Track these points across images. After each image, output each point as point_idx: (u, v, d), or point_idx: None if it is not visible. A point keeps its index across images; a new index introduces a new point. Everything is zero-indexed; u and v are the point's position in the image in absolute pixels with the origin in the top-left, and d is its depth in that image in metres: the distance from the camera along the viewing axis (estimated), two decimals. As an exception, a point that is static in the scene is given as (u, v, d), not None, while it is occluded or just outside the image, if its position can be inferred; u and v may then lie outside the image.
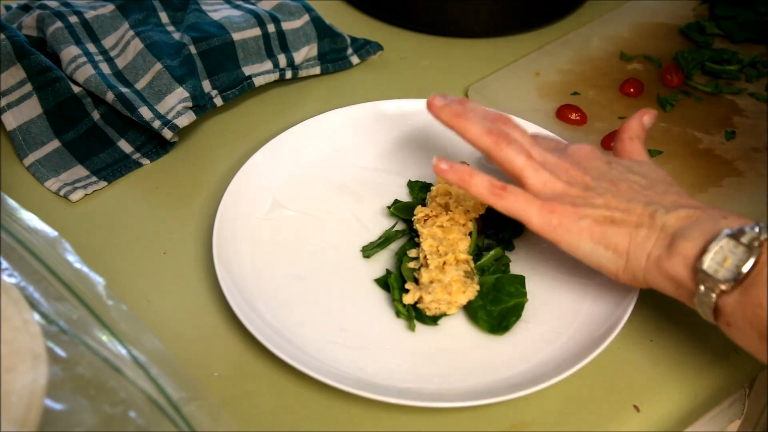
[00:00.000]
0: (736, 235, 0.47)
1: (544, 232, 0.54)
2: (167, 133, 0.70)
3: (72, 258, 0.54)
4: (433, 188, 0.64)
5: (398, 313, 0.59)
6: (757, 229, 0.47)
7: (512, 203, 0.54)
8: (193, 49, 0.74)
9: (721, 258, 0.47)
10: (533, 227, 0.54)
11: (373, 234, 0.65)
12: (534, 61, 0.83)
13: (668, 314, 0.60)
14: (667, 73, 0.80)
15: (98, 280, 0.53)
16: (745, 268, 0.46)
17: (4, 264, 0.52)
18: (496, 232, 0.64)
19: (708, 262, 0.47)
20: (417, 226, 0.62)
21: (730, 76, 0.80)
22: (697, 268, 0.48)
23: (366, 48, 0.83)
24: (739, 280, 0.46)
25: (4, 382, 0.44)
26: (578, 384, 0.55)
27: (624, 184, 0.54)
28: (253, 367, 0.56)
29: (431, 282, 0.58)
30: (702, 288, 0.48)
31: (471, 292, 0.58)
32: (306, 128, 0.71)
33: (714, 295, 0.47)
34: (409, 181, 0.69)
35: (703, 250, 0.48)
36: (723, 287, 0.47)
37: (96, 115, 0.73)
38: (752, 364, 0.59)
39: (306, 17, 0.80)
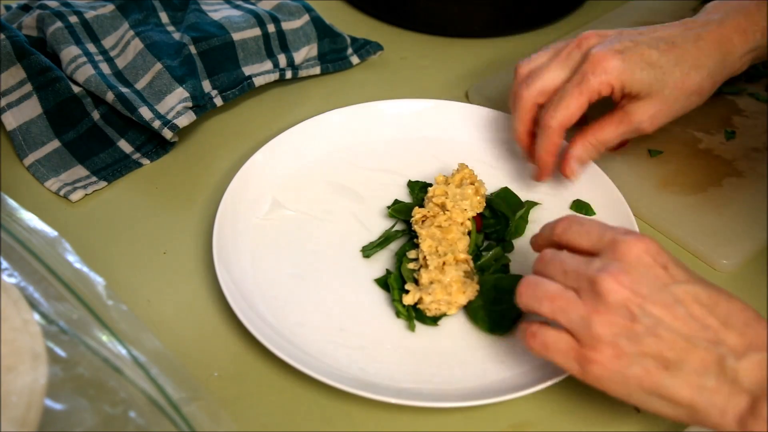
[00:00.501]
0: None
1: (588, 382, 0.48)
2: (167, 133, 0.70)
3: (72, 258, 0.54)
4: (429, 189, 0.64)
5: (398, 314, 0.59)
6: None
7: (552, 356, 0.48)
8: (193, 49, 0.74)
9: None
10: (576, 377, 0.48)
11: (373, 234, 0.65)
12: (534, 61, 0.83)
13: (668, 314, 0.60)
14: (667, 73, 0.80)
15: (98, 280, 0.53)
16: None
17: (4, 264, 0.52)
18: (496, 231, 0.64)
19: None
20: (415, 227, 0.62)
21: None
22: None
23: (366, 48, 0.83)
24: None
25: (4, 382, 0.44)
26: (578, 384, 0.55)
27: (681, 310, 0.45)
28: (253, 367, 0.56)
29: (431, 283, 0.58)
30: None
31: (471, 292, 0.58)
32: (306, 128, 0.71)
33: None
34: (409, 181, 0.69)
35: None
36: None
37: (96, 115, 0.73)
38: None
39: (306, 17, 0.80)
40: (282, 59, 0.78)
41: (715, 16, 0.61)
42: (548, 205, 0.67)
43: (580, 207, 0.66)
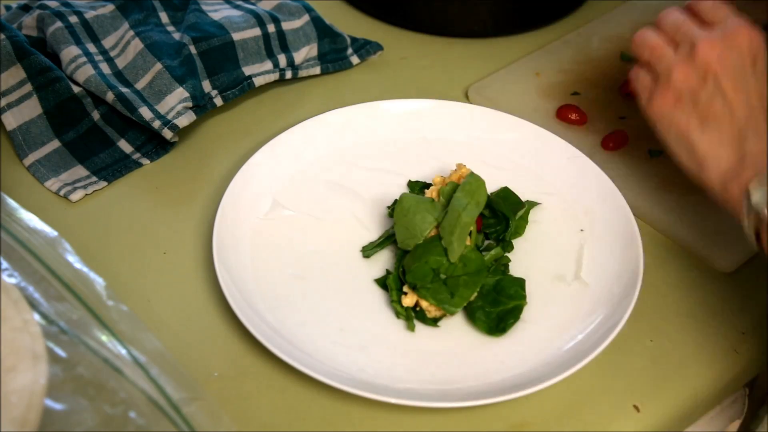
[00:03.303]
0: None
1: (647, 113, 0.60)
2: (167, 133, 0.70)
3: (72, 258, 0.54)
4: (427, 191, 0.64)
5: (398, 314, 0.59)
6: None
7: (636, 84, 0.61)
8: (193, 49, 0.74)
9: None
10: (641, 108, 0.60)
11: (373, 234, 0.65)
12: (534, 61, 0.83)
13: (668, 315, 0.60)
14: (667, 73, 0.80)
15: (98, 280, 0.53)
16: None
17: (4, 264, 0.52)
18: (496, 231, 0.64)
19: (756, 197, 0.51)
20: (416, 226, 0.62)
21: (730, 76, 0.80)
22: (748, 199, 0.52)
23: (366, 48, 0.83)
24: None
25: (4, 382, 0.44)
26: (578, 384, 0.55)
27: (743, 96, 0.55)
28: (253, 367, 0.56)
29: (431, 282, 0.58)
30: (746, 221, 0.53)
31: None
32: (306, 128, 0.71)
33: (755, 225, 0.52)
34: (409, 181, 0.69)
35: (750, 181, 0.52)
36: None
37: (96, 115, 0.73)
38: (752, 363, 0.59)
39: (306, 17, 0.80)
40: (282, 59, 0.78)
41: None
42: (548, 205, 0.67)
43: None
